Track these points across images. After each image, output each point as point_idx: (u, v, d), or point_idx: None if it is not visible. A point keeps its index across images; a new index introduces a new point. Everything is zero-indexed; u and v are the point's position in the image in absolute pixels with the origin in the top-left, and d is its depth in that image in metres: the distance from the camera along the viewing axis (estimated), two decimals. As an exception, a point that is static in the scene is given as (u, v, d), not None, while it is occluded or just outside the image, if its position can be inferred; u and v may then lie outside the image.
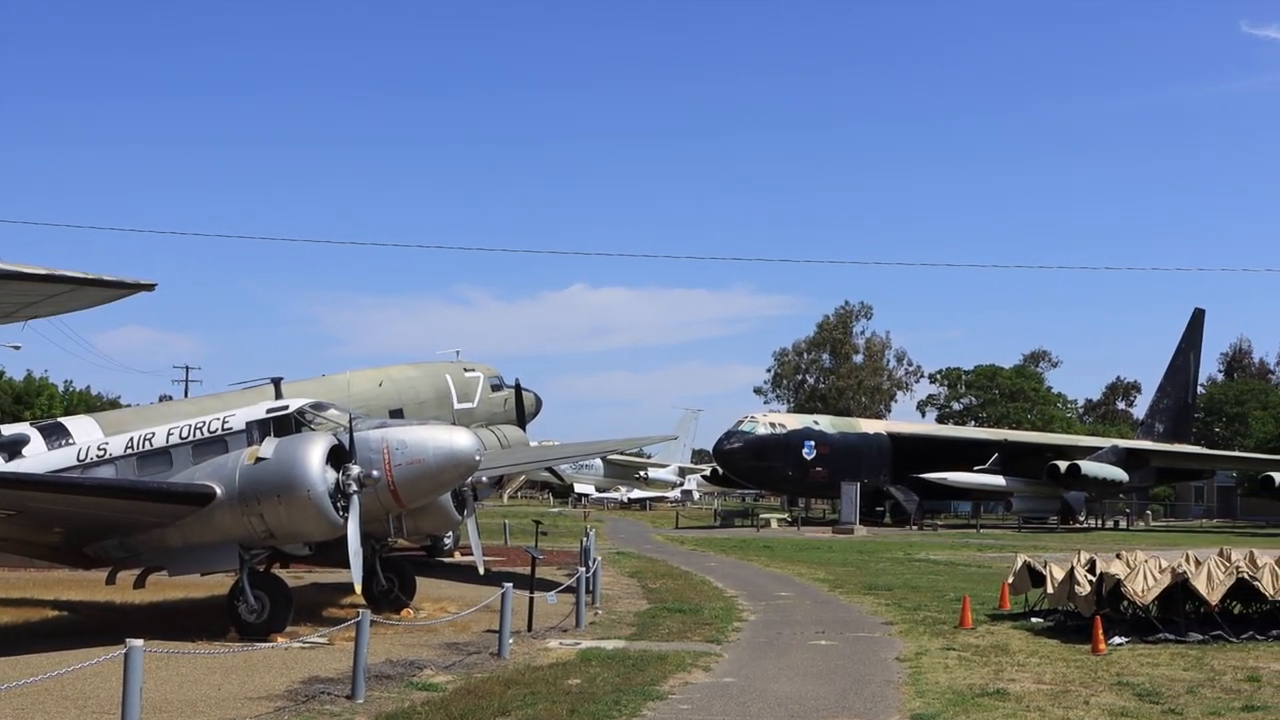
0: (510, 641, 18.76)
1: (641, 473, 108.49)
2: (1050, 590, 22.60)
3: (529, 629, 21.16)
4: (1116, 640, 19.77)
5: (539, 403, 39.22)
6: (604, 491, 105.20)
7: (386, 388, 32.82)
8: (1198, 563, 21.18)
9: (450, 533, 32.49)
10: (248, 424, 21.74)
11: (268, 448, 19.73)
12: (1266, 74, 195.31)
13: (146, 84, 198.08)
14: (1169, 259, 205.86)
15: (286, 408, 22.10)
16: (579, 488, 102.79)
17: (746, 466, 73.83)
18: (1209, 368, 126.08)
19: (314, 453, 19.53)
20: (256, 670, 16.82)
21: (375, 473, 20.14)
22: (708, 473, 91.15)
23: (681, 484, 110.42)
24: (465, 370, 35.26)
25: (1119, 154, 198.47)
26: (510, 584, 19.10)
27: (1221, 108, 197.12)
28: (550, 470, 57.04)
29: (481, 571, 25.59)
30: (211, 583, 24.48)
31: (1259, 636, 20.41)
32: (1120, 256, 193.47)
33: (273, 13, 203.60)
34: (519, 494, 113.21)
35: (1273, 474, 73.21)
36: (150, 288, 23.55)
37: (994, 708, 14.87)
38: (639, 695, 15.32)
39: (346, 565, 19.72)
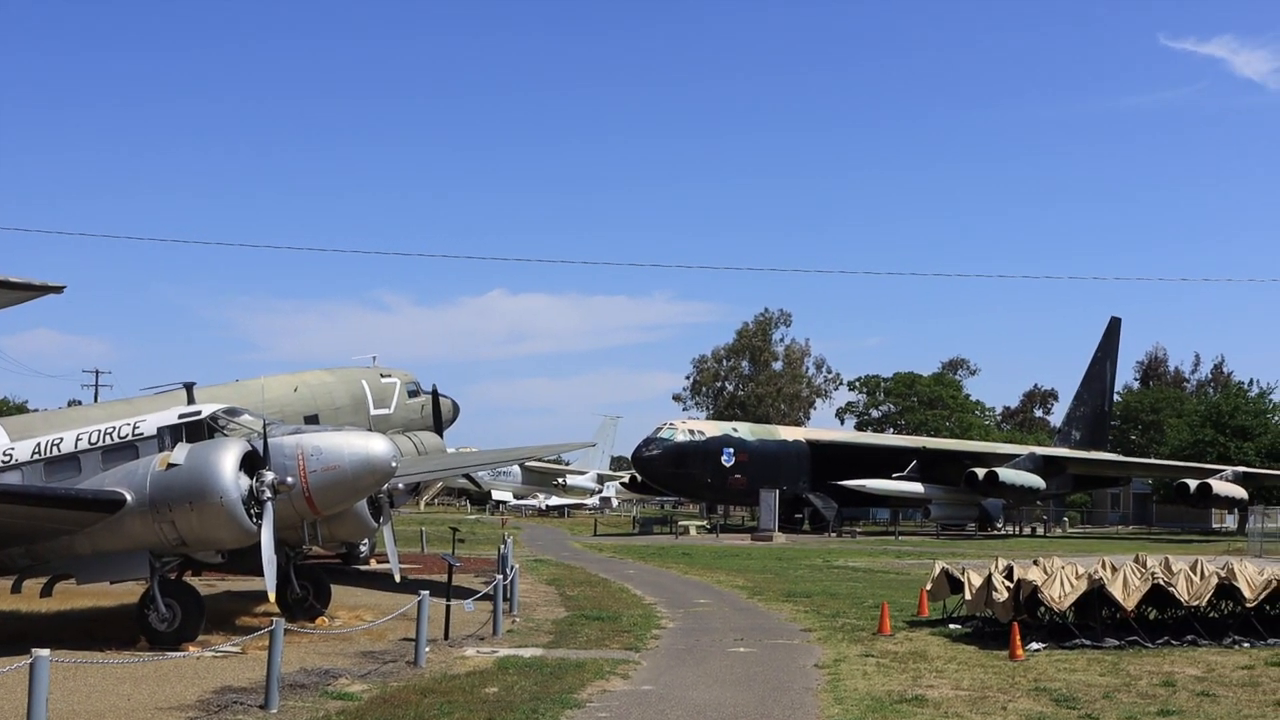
0: (427, 650, 18.56)
1: (560, 480, 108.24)
2: (968, 597, 22.72)
3: (446, 637, 20.97)
4: (1034, 646, 19.91)
5: (456, 409, 38.94)
6: (522, 498, 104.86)
7: (302, 393, 32.45)
8: (1114, 569, 21.39)
9: (366, 540, 32.29)
10: (159, 430, 21.37)
11: (180, 454, 19.42)
12: (1184, 85, 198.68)
13: (54, 85, 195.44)
14: (1086, 268, 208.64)
15: (199, 413, 21.74)
16: (496, 495, 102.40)
17: (665, 473, 73.80)
18: (1125, 376, 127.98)
19: (227, 459, 19.24)
20: (167, 680, 16.52)
21: (290, 479, 19.86)
22: (626, 480, 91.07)
23: (600, 491, 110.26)
24: (382, 376, 34.94)
25: (1037, 163, 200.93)
26: (427, 591, 18.91)
27: (1139, 118, 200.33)
28: (468, 477, 56.53)
29: (398, 579, 25.36)
30: (121, 591, 24.08)
31: (1174, 642, 20.62)
32: (1038, 265, 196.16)
33: (179, 11, 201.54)
34: (436, 501, 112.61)
35: (1187, 481, 74.16)
36: (59, 290, 23.14)
37: (912, 714, 14.88)
38: (557, 703, 15.19)
39: (260, 573, 19.42)
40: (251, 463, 19.65)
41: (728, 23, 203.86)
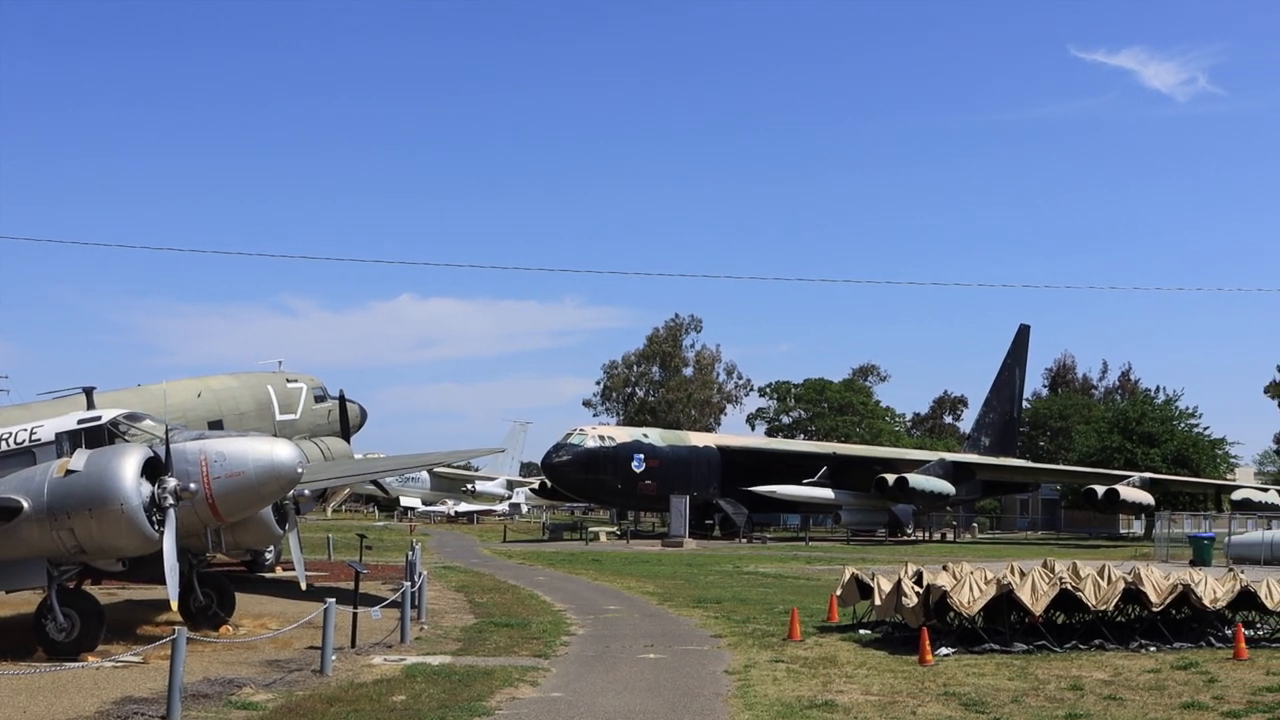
0: (333, 658, 18.29)
1: (469, 486, 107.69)
2: (878, 602, 22.75)
3: (352, 645, 20.69)
4: (943, 651, 19.99)
5: (364, 414, 38.58)
6: (430, 505, 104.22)
7: (205, 398, 31.96)
8: (1022, 574, 21.54)
9: (271, 547, 31.85)
10: (57, 435, 20.92)
11: (79, 460, 18.98)
12: (1094, 96, 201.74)
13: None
14: (995, 275, 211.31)
15: (99, 418, 21.30)
16: (405, 501, 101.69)
17: (575, 479, 73.62)
18: (1034, 383, 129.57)
19: (128, 465, 18.83)
20: (65, 691, 16.13)
21: (193, 485, 19.48)
22: (536, 486, 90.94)
23: (509, 497, 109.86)
24: (288, 381, 34.51)
25: (949, 171, 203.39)
26: (333, 599, 18.64)
27: (1049, 128, 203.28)
28: (375, 483, 56.20)
29: (304, 586, 25.03)
30: (18, 600, 23.59)
31: (1082, 646, 20.79)
32: (948, 272, 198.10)
33: (86, 17, 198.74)
34: (343, 507, 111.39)
35: (1095, 487, 74.99)
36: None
37: (822, 719, 14.85)
38: (465, 711, 15.03)
39: (162, 581, 19.01)
40: (153, 469, 19.25)
41: (638, 28, 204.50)
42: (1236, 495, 76.59)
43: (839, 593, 25.07)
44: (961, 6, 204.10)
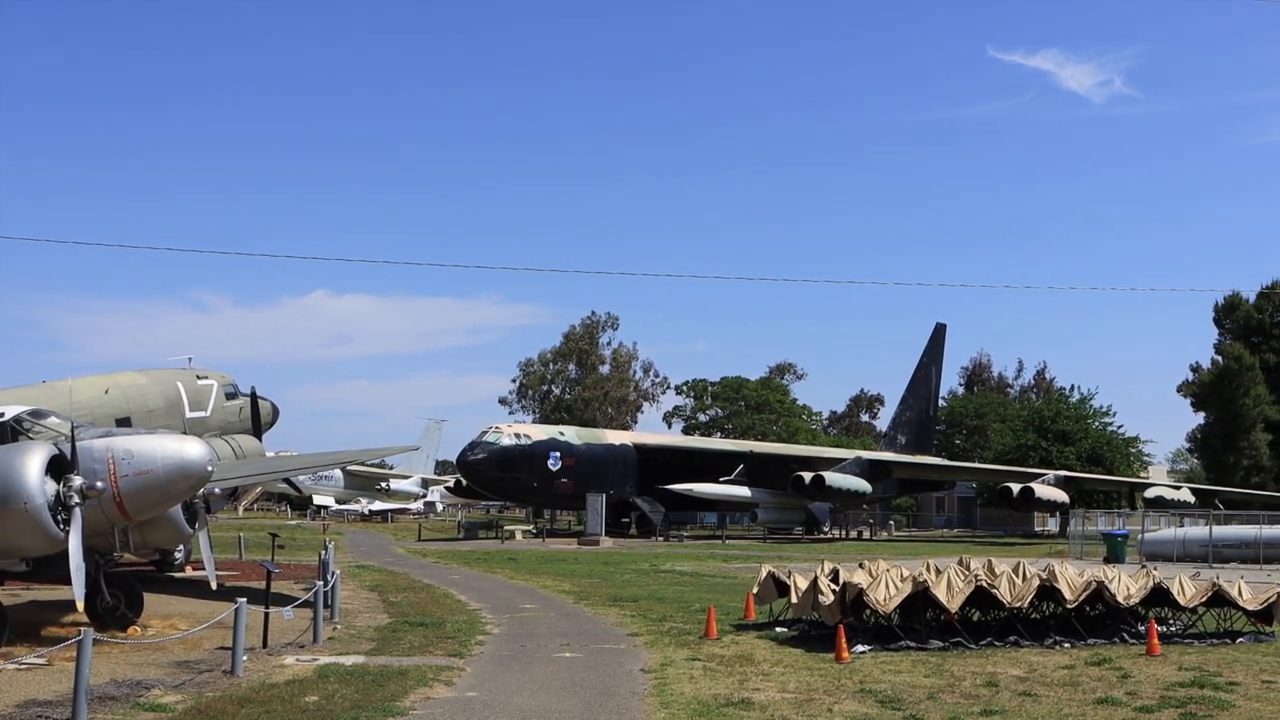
0: (244, 659, 17.97)
1: (383, 484, 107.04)
2: (794, 600, 22.73)
3: (264, 645, 20.35)
4: (859, 648, 19.99)
5: (276, 412, 38.12)
6: (344, 503, 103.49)
7: (113, 395, 31.39)
8: (938, 572, 21.60)
9: (181, 547, 31.29)
10: (-41, 433, 20.42)
11: (-20, 458, 18.52)
12: (1011, 97, 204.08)
13: None
14: (912, 274, 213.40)
15: (2, 415, 20.83)
16: (318, 500, 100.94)
17: (491, 478, 73.30)
18: (950, 381, 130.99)
19: (31, 463, 18.38)
20: (-35, 695, 15.72)
21: (99, 484, 19.06)
22: (451, 484, 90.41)
23: (424, 496, 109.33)
24: (198, 378, 34.01)
25: (866, 170, 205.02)
26: (244, 599, 18.30)
27: (967, 128, 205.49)
28: (288, 482, 55.60)
29: (214, 586, 24.61)
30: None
31: (997, 643, 20.87)
32: (865, 270, 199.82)
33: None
34: (255, 506, 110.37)
35: (1011, 485, 75.72)
36: None
37: (739, 718, 14.77)
38: (379, 711, 14.81)
39: (68, 581, 18.58)
40: (59, 467, 18.81)
41: (552, 27, 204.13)
42: (1150, 493, 77.79)
43: (755, 591, 25.04)
44: (879, 6, 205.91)
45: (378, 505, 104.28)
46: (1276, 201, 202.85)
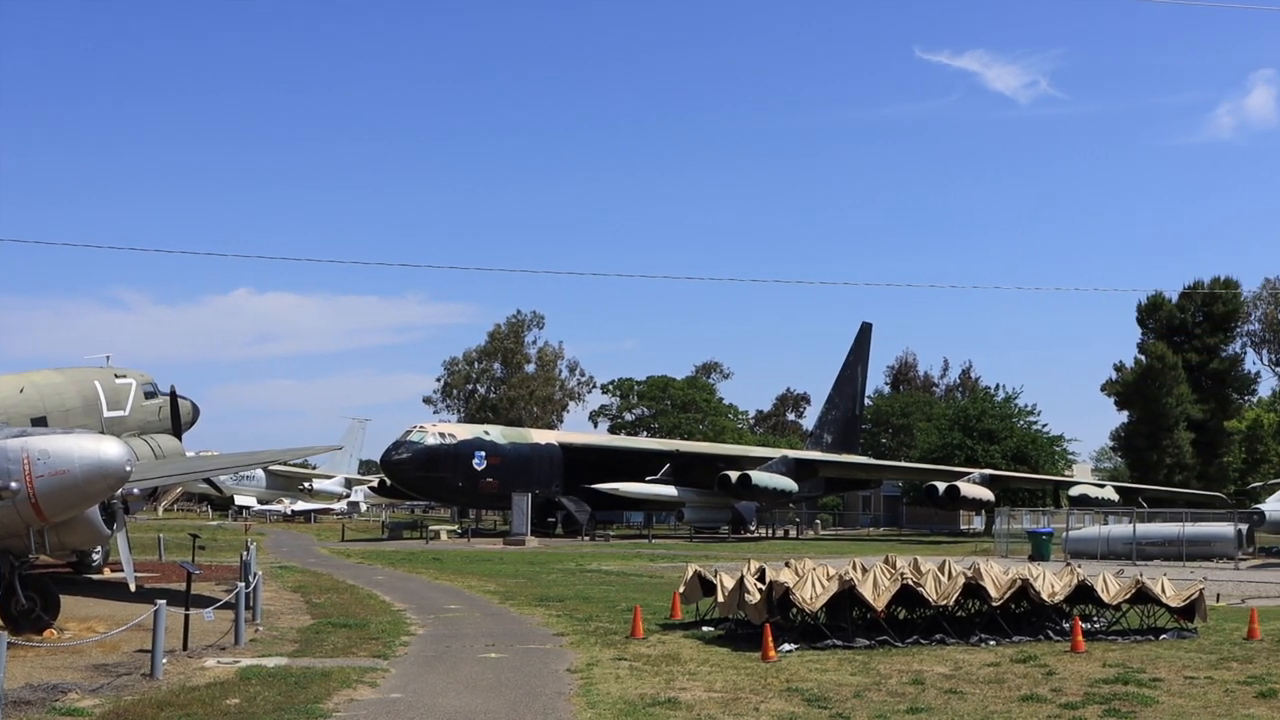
0: (164, 661, 17.66)
1: (306, 484, 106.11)
2: (721, 599, 22.72)
3: (184, 648, 20.02)
4: (786, 647, 19.97)
5: (196, 411, 37.63)
6: (266, 504, 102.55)
7: (28, 394, 30.84)
8: (864, 570, 21.66)
9: (99, 548, 30.81)
10: None
11: (-109, 457, 18.10)
12: (938, 97, 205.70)
13: None
14: (838, 273, 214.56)
15: (-86, 413, 20.39)
16: (240, 500, 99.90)
17: (415, 477, 72.85)
18: (876, 380, 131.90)
19: (-56, 462, 18.00)
20: (-127, 700, 15.32)
21: (14, 484, 18.70)
22: (375, 484, 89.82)
23: (348, 495, 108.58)
24: (117, 376, 33.49)
25: (793, 169, 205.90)
26: (164, 601, 17.98)
27: (893, 128, 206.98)
28: (209, 482, 54.90)
29: (133, 588, 24.23)
30: None
31: (923, 641, 20.94)
32: (790, 269, 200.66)
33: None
34: (175, 507, 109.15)
35: (936, 484, 76.23)
36: None
37: (665, 717, 14.70)
38: (301, 714, 14.61)
39: (-19, 583, 18.24)
40: (-28, 466, 18.44)
41: (469, 22, 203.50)
42: (1074, 491, 78.68)
43: (682, 590, 25.00)
44: (805, 6, 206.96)
45: (300, 505, 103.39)
46: (1199, 202, 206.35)
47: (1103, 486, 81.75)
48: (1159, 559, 47.41)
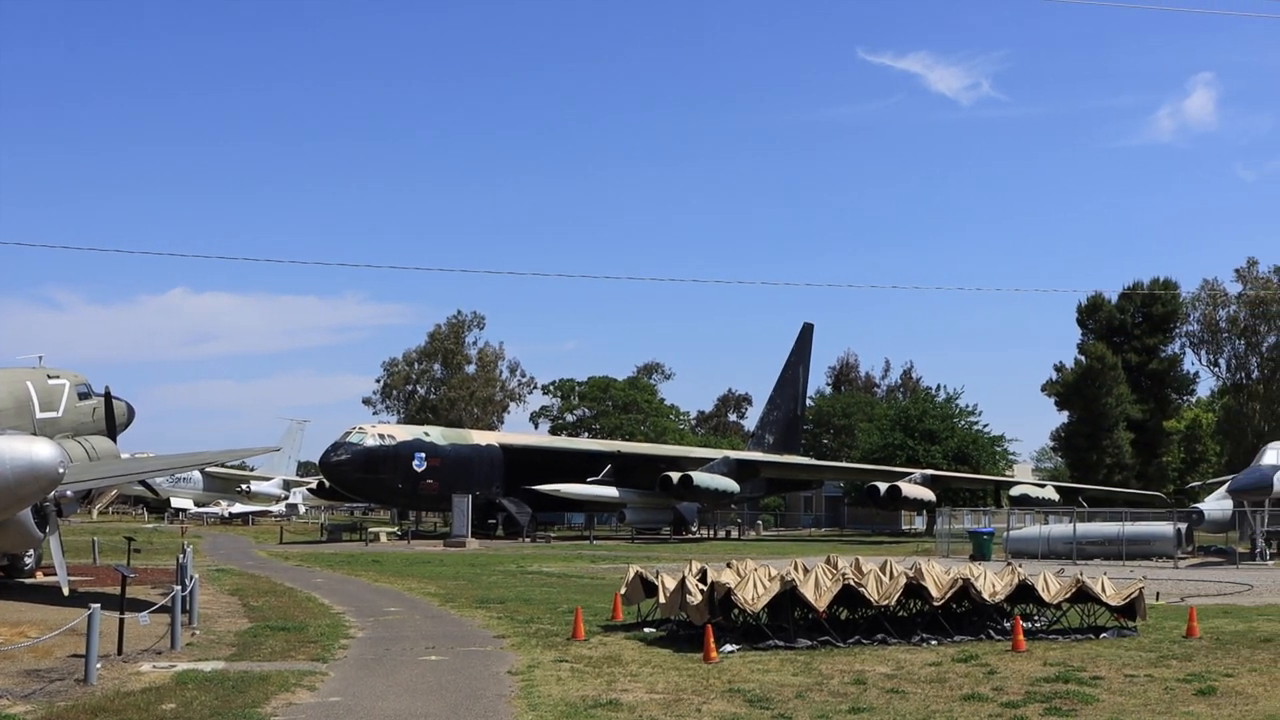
0: (98, 666, 17.37)
1: (243, 486, 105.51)
2: (662, 600, 22.63)
3: (119, 652, 19.73)
4: (728, 648, 19.91)
5: (131, 412, 37.18)
6: (203, 506, 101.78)
7: (-41, 395, 30.37)
8: (806, 571, 21.64)
9: (31, 551, 30.39)
10: None
11: None
12: (881, 99, 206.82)
13: None
14: (779, 273, 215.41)
15: None
16: (176, 502, 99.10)
17: (354, 479, 72.44)
18: (818, 381, 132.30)
19: None
20: None
21: (-56, 486, 18.37)
22: (314, 486, 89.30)
23: (286, 497, 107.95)
24: (49, 377, 33.01)
25: (735, 169, 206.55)
26: (98, 605, 17.70)
27: (836, 129, 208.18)
28: (144, 484, 54.43)
29: (66, 592, 23.91)
30: None
31: (864, 641, 20.92)
32: (731, 269, 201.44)
33: None
34: (110, 509, 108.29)
35: (878, 484, 76.57)
36: None
37: (607, 719, 14.60)
38: (239, 718, 14.43)
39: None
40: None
41: (411, 21, 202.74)
42: (1015, 491, 79.42)
43: (623, 591, 24.93)
44: (750, 6, 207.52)
45: (238, 508, 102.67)
46: (1139, 204, 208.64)
47: (1043, 486, 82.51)
48: (1099, 558, 47.80)
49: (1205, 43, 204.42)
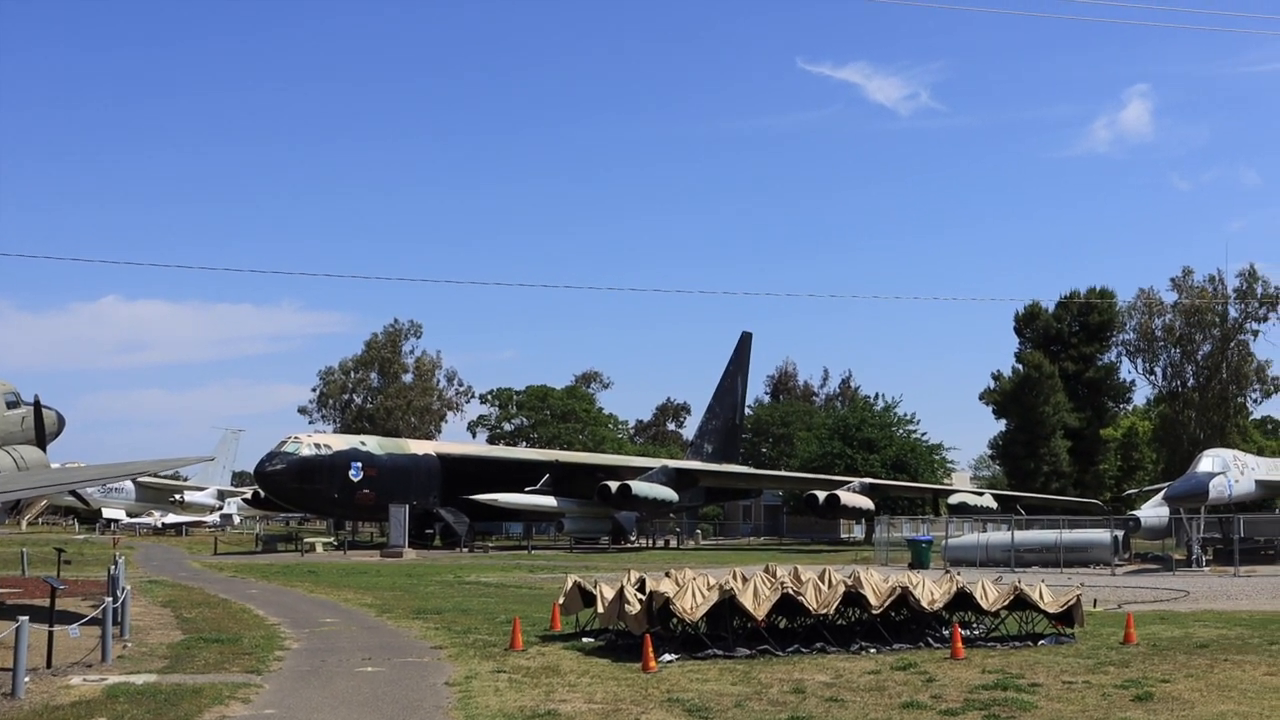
0: (26, 680, 17.06)
1: (177, 496, 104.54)
2: (601, 610, 22.57)
3: (48, 665, 19.41)
4: (667, 657, 19.84)
5: (62, 421, 36.65)
6: (136, 516, 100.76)
7: (-117, 404, 29.84)
8: (744, 580, 21.62)
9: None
10: None
11: None
12: (820, 108, 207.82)
13: None
14: (717, 282, 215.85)
15: None
16: (108, 513, 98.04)
17: (290, 489, 71.86)
18: (756, 390, 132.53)
19: None
20: None
21: None
22: (249, 496, 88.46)
23: (221, 507, 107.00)
24: (-23, 386, 32.52)
25: (674, 178, 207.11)
26: (26, 617, 17.39)
27: (776, 138, 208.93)
28: (75, 494, 53.57)
29: (-6, 604, 23.53)
30: None
31: (803, 649, 20.90)
32: (670, 278, 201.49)
33: None
34: (40, 520, 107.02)
35: (817, 493, 76.67)
36: None
37: (547, 730, 14.52)
38: (171, 733, 14.19)
39: None
40: None
41: (344, 28, 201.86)
42: (953, 499, 79.79)
43: (562, 601, 24.82)
44: (689, 15, 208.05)
45: (171, 518, 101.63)
46: (1076, 213, 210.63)
47: (981, 494, 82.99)
48: (1037, 565, 48.09)
49: (1141, 54, 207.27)
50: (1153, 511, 56.46)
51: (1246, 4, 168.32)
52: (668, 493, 76.68)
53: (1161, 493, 56.36)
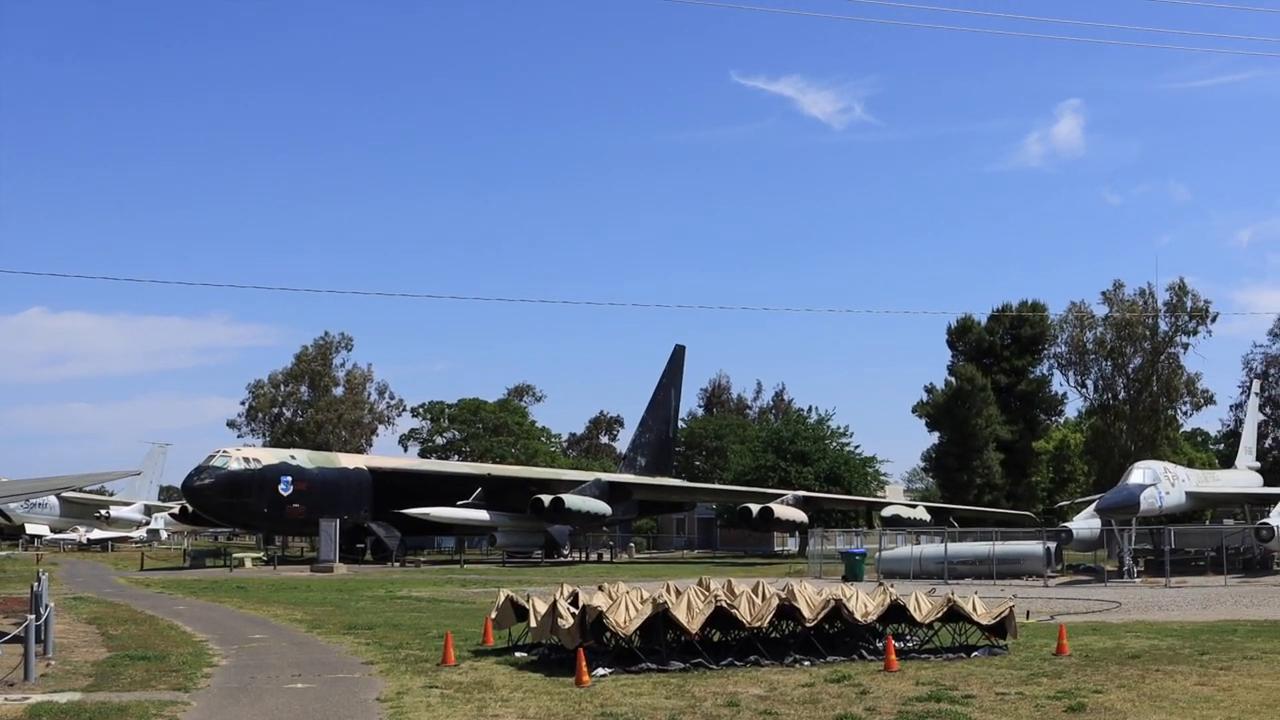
0: (-55, 700, 16.74)
1: (102, 511, 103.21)
2: (534, 624, 22.47)
3: (-32, 685, 19.05)
4: (600, 671, 19.73)
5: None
6: (60, 532, 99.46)
7: None
8: (678, 593, 21.54)
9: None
10: None
11: None
12: (754, 122, 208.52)
13: None
14: (651, 296, 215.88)
15: None
16: (31, 528, 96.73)
17: (219, 503, 71.14)
18: (690, 403, 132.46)
19: None
20: None
21: None
22: (177, 511, 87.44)
23: (148, 523, 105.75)
24: (-102, 399, 31.93)
25: (607, 191, 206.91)
26: (-55, 635, 17.07)
27: (708, 151, 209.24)
28: (-2, 509, 52.94)
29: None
30: None
31: (737, 662, 20.85)
32: (603, 291, 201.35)
33: None
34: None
35: (750, 505, 76.72)
36: None
37: (480, 746, 14.37)
38: (95, 753, 13.91)
39: None
40: None
41: (283, 36, 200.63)
42: (887, 512, 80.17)
43: (494, 615, 24.70)
44: (621, 28, 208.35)
45: (97, 534, 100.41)
46: (1008, 227, 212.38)
47: (914, 507, 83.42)
48: (970, 577, 48.35)
49: (1073, 69, 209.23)
50: (1085, 523, 56.91)
51: (1178, 21, 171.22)
52: (601, 506, 76.58)
53: (1093, 505, 56.82)
